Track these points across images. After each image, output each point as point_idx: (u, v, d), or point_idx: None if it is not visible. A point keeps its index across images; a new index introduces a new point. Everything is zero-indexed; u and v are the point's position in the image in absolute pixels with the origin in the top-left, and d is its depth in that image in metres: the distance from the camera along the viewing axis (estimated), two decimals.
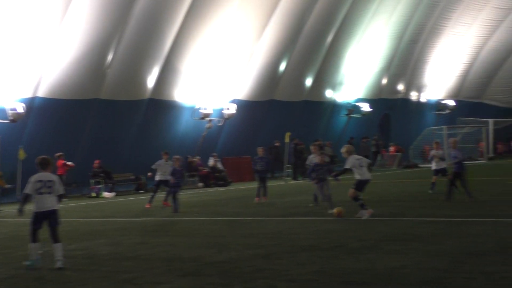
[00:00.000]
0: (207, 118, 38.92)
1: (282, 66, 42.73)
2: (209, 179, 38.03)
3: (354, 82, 50.27)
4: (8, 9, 28.56)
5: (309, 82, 45.80)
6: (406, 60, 54.25)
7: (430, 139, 51.15)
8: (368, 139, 49.30)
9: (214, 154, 39.64)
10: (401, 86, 55.88)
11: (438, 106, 61.53)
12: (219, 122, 40.17)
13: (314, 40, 43.71)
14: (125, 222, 19.18)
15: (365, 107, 51.28)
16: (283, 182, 36.58)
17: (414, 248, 11.49)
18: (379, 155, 51.48)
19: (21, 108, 30.22)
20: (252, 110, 42.27)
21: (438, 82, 59.81)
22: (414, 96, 58.28)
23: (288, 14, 40.08)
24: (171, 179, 22.14)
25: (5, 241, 16.09)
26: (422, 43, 54.66)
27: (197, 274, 10.25)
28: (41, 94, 31.41)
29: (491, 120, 60.24)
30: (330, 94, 48.76)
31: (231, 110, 40.08)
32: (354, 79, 50.19)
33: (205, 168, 38.61)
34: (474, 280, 8.75)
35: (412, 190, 25.70)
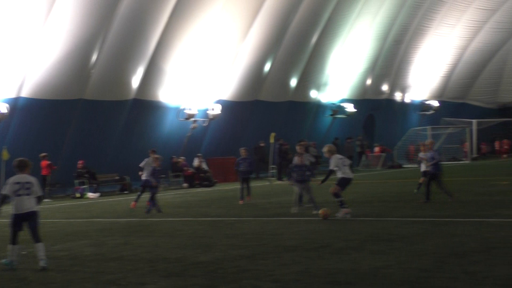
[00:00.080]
0: (192, 119, 38.92)
1: (267, 67, 42.78)
2: (194, 180, 38.00)
3: (338, 82, 50.38)
4: None
5: (293, 82, 45.87)
6: (391, 60, 54.44)
7: (415, 140, 51.53)
8: (352, 140, 49.44)
9: (199, 154, 39.61)
10: (385, 87, 56.07)
11: (422, 106, 61.77)
12: (204, 122, 40.16)
13: (298, 40, 43.79)
14: (109, 223, 19.12)
15: (349, 108, 51.43)
16: (268, 183, 36.59)
17: (398, 248, 11.52)
18: (364, 156, 51.65)
19: (4, 108, 30.14)
20: (237, 111, 42.29)
21: (422, 82, 60.04)
22: (398, 96, 58.47)
23: (272, 14, 40.13)
24: (154, 182, 21.92)
25: None
26: (406, 44, 54.88)
27: (181, 274, 10.24)
28: (25, 94, 31.31)
29: (475, 120, 60.59)
30: (314, 95, 48.85)
31: (216, 110, 40.09)
32: (339, 80, 50.31)
33: (190, 168, 38.58)
34: (457, 279, 8.78)
35: (396, 191, 25.77)
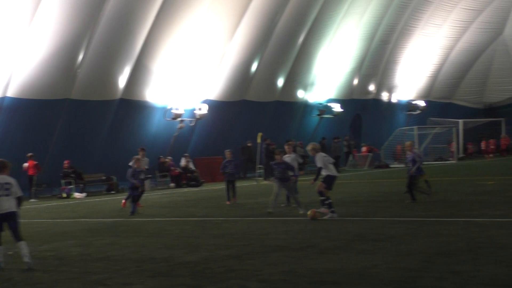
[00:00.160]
0: (179, 119, 38.86)
1: (254, 67, 42.78)
2: (181, 180, 37.94)
3: (325, 82, 50.44)
4: None
5: (280, 82, 45.89)
6: (377, 60, 54.56)
7: (402, 140, 51.61)
8: (339, 140, 49.49)
9: (186, 154, 39.55)
10: (372, 87, 56.18)
11: (408, 106, 61.93)
12: (191, 122, 40.11)
13: (285, 40, 43.82)
14: (95, 223, 19.06)
15: (336, 108, 51.49)
16: (255, 183, 36.58)
17: (385, 247, 11.53)
18: (351, 156, 51.71)
19: None
20: (224, 111, 42.26)
21: (409, 82, 60.20)
22: (385, 96, 58.60)
23: (259, 14, 40.13)
24: (136, 183, 21.58)
25: None
26: (393, 44, 55.02)
27: (168, 274, 10.21)
28: (10, 94, 31.18)
29: (461, 120, 60.79)
30: (301, 95, 48.89)
31: (203, 110, 40.05)
32: (326, 80, 50.37)
33: (177, 168, 38.52)
34: (444, 279, 8.80)
35: (383, 190, 25.80)
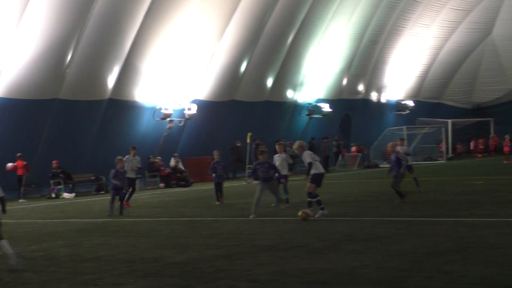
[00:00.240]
0: (168, 119, 38.82)
1: (243, 67, 42.78)
2: (170, 180, 37.91)
3: (314, 82, 50.49)
4: None
5: (270, 82, 45.91)
6: (366, 60, 54.67)
7: (391, 140, 51.64)
8: (329, 140, 49.54)
9: (175, 154, 39.52)
10: (361, 87, 56.28)
11: (398, 106, 62.07)
12: (180, 122, 40.07)
13: (274, 40, 43.84)
14: (85, 223, 19.01)
15: (325, 108, 51.53)
16: (245, 183, 36.56)
17: (375, 247, 11.55)
18: (340, 156, 51.77)
19: None
20: (213, 111, 42.24)
21: (398, 82, 60.33)
22: (374, 96, 58.71)
23: (248, 14, 40.14)
24: (117, 183, 21.16)
25: None
26: (382, 44, 55.14)
27: (158, 274, 10.20)
28: None
29: (450, 120, 60.96)
30: (291, 95, 48.92)
31: (192, 110, 40.01)
32: (315, 80, 50.42)
33: (166, 168, 38.47)
34: (434, 279, 8.81)
35: (373, 190, 25.82)
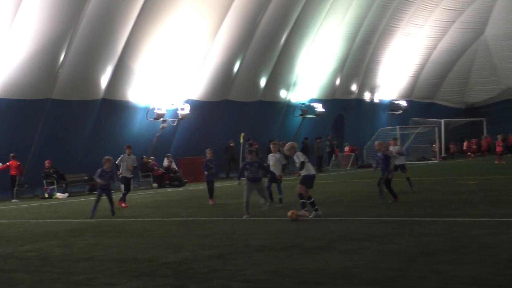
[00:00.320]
0: (161, 119, 38.79)
1: (236, 67, 42.77)
2: (163, 180, 37.88)
3: (308, 82, 50.50)
4: None
5: (263, 82, 45.91)
6: (359, 60, 54.72)
7: (384, 140, 51.73)
8: (322, 140, 49.58)
9: (169, 154, 39.48)
10: (354, 87, 56.32)
11: (391, 106, 62.13)
12: (173, 122, 40.04)
13: (268, 40, 43.85)
14: (78, 223, 18.99)
15: (319, 108, 51.54)
16: (237, 182, 36.49)
17: (368, 247, 11.56)
18: (334, 155, 51.81)
19: None
20: (206, 111, 42.23)
21: (391, 82, 60.40)
22: (367, 96, 58.76)
23: (241, 14, 40.14)
24: (100, 181, 21.06)
25: None
26: (375, 44, 55.19)
27: (151, 275, 10.19)
28: None
29: (443, 120, 61.07)
30: (284, 95, 48.92)
31: (185, 110, 39.98)
32: (308, 80, 50.43)
33: (160, 168, 38.43)
34: (427, 279, 8.83)
35: (366, 190, 25.82)
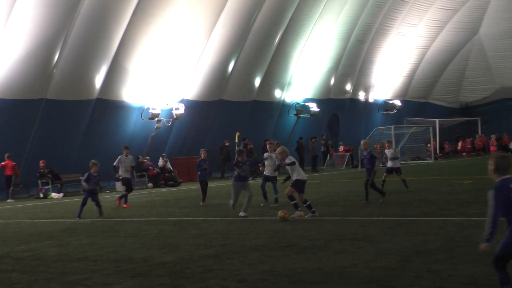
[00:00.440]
0: (156, 118, 38.76)
1: (231, 66, 42.76)
2: (159, 180, 37.86)
3: (302, 82, 50.51)
4: None
5: (257, 82, 45.91)
6: (354, 60, 54.76)
7: (379, 139, 51.85)
8: (316, 139, 49.60)
9: (164, 154, 39.46)
10: (349, 86, 56.35)
11: (385, 106, 62.17)
12: (168, 122, 40.02)
13: (262, 40, 43.85)
14: (73, 223, 18.98)
15: (313, 107, 51.54)
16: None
17: (364, 247, 11.58)
18: (328, 155, 51.84)
19: None
20: (201, 110, 42.22)
21: (385, 82, 60.45)
22: (362, 96, 58.79)
23: (236, 14, 40.14)
24: (85, 186, 20.81)
25: None
26: (369, 44, 55.22)
27: (147, 274, 10.19)
28: None
29: (438, 120, 61.15)
30: (278, 94, 48.92)
31: (180, 110, 39.96)
32: (303, 79, 50.44)
33: (155, 168, 38.39)
34: (422, 278, 8.85)
35: (361, 190, 25.72)
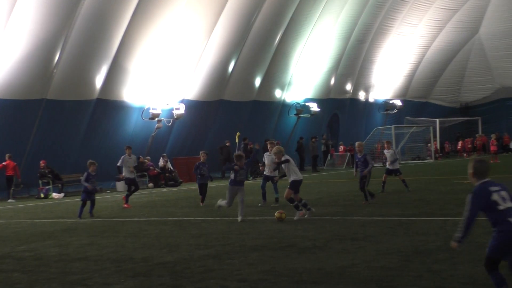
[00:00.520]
0: (157, 118, 38.77)
1: (231, 66, 42.76)
2: (159, 180, 37.86)
3: (302, 82, 50.51)
4: None
5: (258, 82, 45.90)
6: (354, 60, 54.75)
7: (380, 139, 51.85)
8: (317, 139, 49.58)
9: (164, 154, 39.46)
10: (349, 86, 56.34)
11: (385, 105, 62.15)
12: (169, 122, 40.02)
13: (262, 40, 43.85)
14: (74, 223, 18.98)
15: (314, 107, 51.53)
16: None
17: (364, 247, 11.58)
18: (329, 155, 51.83)
19: None
20: (201, 110, 42.22)
21: (386, 82, 60.45)
22: (362, 96, 58.78)
23: (236, 14, 40.14)
24: (88, 186, 20.75)
25: None
26: (369, 44, 55.21)
27: (147, 274, 10.19)
28: None
29: (438, 119, 61.15)
30: (279, 94, 48.92)
31: (181, 110, 39.96)
32: (303, 79, 50.44)
33: (155, 168, 38.40)
34: (422, 278, 8.85)
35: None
